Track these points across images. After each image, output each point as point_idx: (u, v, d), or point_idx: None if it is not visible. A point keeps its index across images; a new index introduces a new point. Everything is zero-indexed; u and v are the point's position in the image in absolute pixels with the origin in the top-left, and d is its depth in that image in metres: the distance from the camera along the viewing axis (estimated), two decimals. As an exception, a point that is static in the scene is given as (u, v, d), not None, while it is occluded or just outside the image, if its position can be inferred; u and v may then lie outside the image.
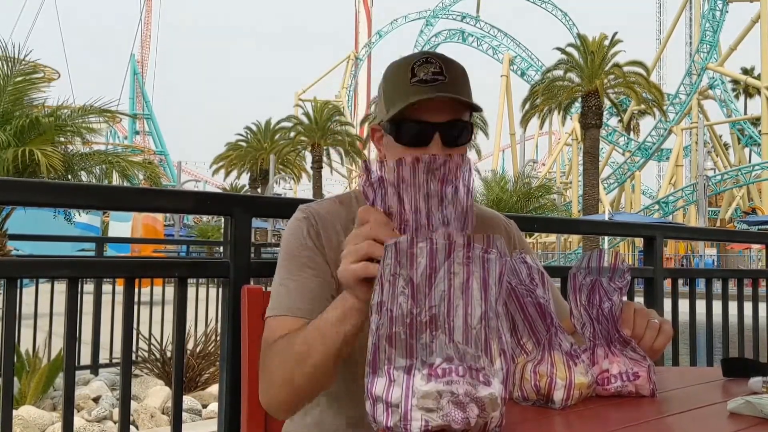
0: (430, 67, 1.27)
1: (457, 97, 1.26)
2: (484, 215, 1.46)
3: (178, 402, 1.72)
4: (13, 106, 9.01)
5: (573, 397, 1.07)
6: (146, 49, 65.40)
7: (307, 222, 1.32)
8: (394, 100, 1.28)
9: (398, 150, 1.29)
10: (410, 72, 1.27)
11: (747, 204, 44.48)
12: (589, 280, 1.15)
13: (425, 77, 1.26)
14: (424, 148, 1.26)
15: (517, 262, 1.10)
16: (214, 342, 5.42)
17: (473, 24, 55.65)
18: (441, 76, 1.26)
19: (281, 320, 1.25)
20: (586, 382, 1.09)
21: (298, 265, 1.28)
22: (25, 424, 4.20)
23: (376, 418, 0.87)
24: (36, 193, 1.62)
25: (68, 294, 1.56)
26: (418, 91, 1.25)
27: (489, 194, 25.33)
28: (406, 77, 1.27)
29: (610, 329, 1.15)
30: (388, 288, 0.90)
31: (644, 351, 1.16)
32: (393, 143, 1.31)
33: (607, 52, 33.77)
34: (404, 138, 1.29)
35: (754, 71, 51.07)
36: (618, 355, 1.15)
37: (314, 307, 1.23)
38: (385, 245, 0.93)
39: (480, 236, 0.97)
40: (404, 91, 1.26)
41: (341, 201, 1.38)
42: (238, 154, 43.16)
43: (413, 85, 1.26)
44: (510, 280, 1.08)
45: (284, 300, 1.26)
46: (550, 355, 1.08)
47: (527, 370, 1.08)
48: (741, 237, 9.23)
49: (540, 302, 1.08)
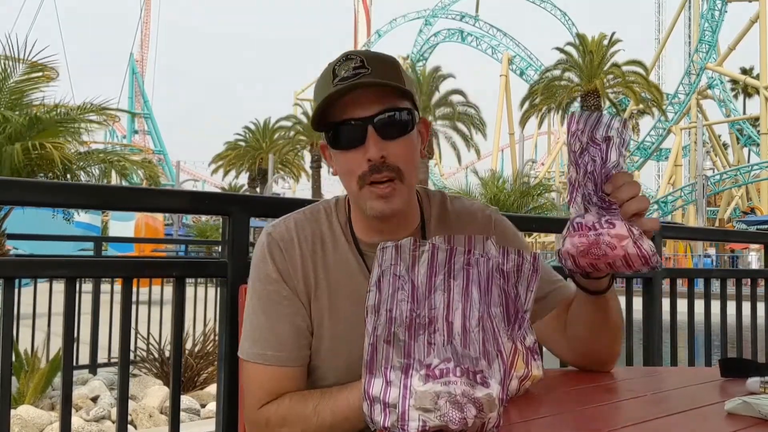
0: (350, 63, 1.18)
1: (377, 81, 1.16)
2: (463, 211, 1.37)
3: (176, 402, 1.72)
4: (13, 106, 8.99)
5: (524, 387, 1.12)
6: (145, 48, 65.40)
7: (271, 253, 1.26)
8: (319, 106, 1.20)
9: (340, 157, 1.22)
10: (332, 74, 1.19)
11: (746, 204, 44.51)
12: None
13: (346, 74, 1.17)
14: (362, 147, 1.18)
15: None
16: (212, 342, 5.42)
17: (472, 23, 55.67)
18: (363, 69, 1.17)
19: (253, 368, 1.24)
20: (540, 376, 1.15)
21: (267, 303, 1.25)
22: (24, 423, 4.20)
23: (374, 418, 0.87)
24: (33, 192, 1.62)
25: (66, 294, 1.56)
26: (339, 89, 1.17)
27: (487, 194, 25.33)
28: (328, 80, 1.19)
29: (596, 185, 1.09)
30: (387, 289, 0.90)
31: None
32: (334, 153, 1.24)
33: (606, 52, 33.83)
34: (339, 141, 1.21)
35: (753, 71, 51.10)
36: (599, 212, 1.10)
37: (285, 354, 1.22)
38: (379, 246, 0.93)
39: (469, 237, 0.98)
40: (326, 93, 1.18)
41: (311, 215, 1.31)
42: (236, 153, 43.15)
43: (335, 86, 1.17)
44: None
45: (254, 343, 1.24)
46: (513, 346, 1.07)
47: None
48: (740, 237, 9.23)
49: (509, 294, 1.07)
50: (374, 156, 1.17)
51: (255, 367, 1.23)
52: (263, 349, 1.23)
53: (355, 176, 1.20)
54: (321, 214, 1.32)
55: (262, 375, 1.22)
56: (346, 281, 1.26)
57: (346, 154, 1.21)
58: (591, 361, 1.36)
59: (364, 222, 1.28)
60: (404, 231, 1.27)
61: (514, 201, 24.97)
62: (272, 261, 1.26)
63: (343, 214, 1.31)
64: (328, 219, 1.31)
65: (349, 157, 1.21)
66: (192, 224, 36.27)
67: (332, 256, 1.28)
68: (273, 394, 1.21)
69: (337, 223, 1.31)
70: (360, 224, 1.29)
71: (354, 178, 1.21)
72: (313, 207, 1.34)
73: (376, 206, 1.20)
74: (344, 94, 1.17)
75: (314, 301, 1.26)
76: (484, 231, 1.32)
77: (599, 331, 1.29)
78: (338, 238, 1.29)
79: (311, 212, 1.32)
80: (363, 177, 1.19)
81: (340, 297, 1.26)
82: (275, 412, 1.19)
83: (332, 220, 1.31)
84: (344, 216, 1.31)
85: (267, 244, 1.27)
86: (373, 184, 1.19)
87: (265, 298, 1.25)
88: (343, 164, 1.23)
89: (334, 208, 1.32)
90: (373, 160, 1.18)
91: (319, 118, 1.22)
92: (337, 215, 1.31)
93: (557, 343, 1.37)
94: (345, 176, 1.23)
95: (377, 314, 0.89)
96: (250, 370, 1.24)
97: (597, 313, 1.26)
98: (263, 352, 1.23)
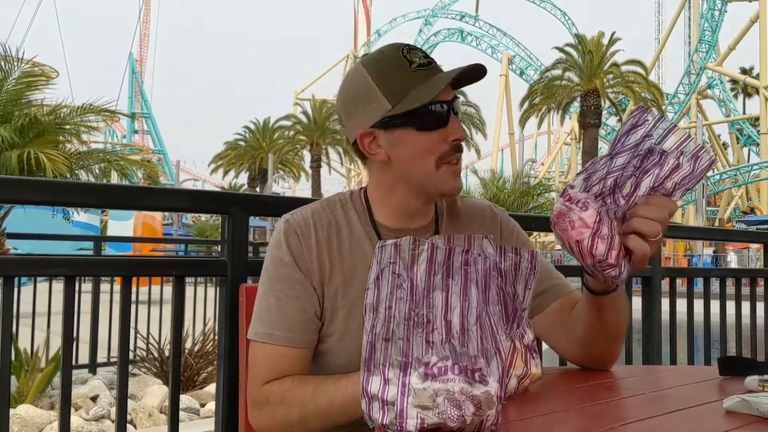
0: (418, 52, 1.27)
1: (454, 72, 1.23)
2: (472, 208, 1.43)
3: (175, 401, 1.72)
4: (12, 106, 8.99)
5: (523, 386, 1.11)
6: (145, 47, 65.40)
7: (288, 240, 1.30)
8: (407, 90, 1.24)
9: (418, 139, 1.26)
10: (406, 60, 1.25)
11: (746, 203, 44.52)
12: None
13: (421, 61, 1.25)
14: (443, 129, 1.26)
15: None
16: (212, 341, 5.42)
17: (472, 23, 55.69)
18: (429, 58, 1.27)
19: (260, 347, 1.26)
20: (538, 374, 1.13)
21: (280, 288, 1.28)
22: (23, 422, 4.20)
23: (372, 416, 0.87)
24: (33, 191, 1.62)
25: (65, 293, 1.56)
26: (428, 74, 1.24)
27: (486, 194, 25.33)
28: (404, 66, 1.25)
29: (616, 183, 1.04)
30: (386, 287, 0.90)
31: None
32: (408, 135, 1.26)
33: (606, 52, 33.82)
34: (429, 124, 1.25)
35: (752, 71, 51.12)
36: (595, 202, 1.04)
37: (292, 335, 1.24)
38: (378, 245, 0.94)
39: (468, 236, 0.98)
40: (413, 78, 1.24)
41: (327, 206, 1.36)
42: (236, 153, 43.15)
43: (417, 71, 1.24)
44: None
45: (264, 323, 1.26)
46: (512, 345, 1.08)
47: None
48: (739, 236, 9.23)
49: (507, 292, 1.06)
50: (462, 136, 1.27)
51: (262, 347, 1.26)
52: (271, 329, 1.25)
53: (435, 156, 1.26)
54: (336, 204, 1.36)
55: (269, 354, 1.25)
56: (361, 268, 1.28)
57: (429, 135, 1.26)
58: (591, 360, 1.36)
59: (392, 208, 1.34)
60: (425, 218, 1.36)
61: (514, 201, 24.95)
62: (287, 245, 1.29)
63: (360, 203, 1.36)
64: (344, 209, 1.35)
65: (431, 137, 1.26)
66: (192, 224, 36.27)
67: (347, 243, 1.31)
68: (277, 373, 1.24)
69: (353, 212, 1.35)
70: (386, 211, 1.34)
71: (433, 157, 1.26)
72: (328, 198, 1.40)
73: (453, 184, 1.29)
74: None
75: (327, 286, 1.29)
76: (492, 228, 1.40)
77: (601, 332, 1.28)
78: (354, 226, 1.33)
79: (327, 203, 1.37)
80: (443, 156, 1.26)
81: (354, 283, 1.28)
82: (276, 391, 1.22)
83: (348, 210, 1.35)
84: (360, 205, 1.36)
85: (284, 230, 1.31)
86: (449, 163, 1.27)
87: (276, 281, 1.28)
88: (422, 145, 1.26)
89: (350, 199, 1.37)
90: (460, 139, 1.27)
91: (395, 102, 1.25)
92: (353, 205, 1.36)
93: (557, 339, 1.38)
94: (420, 157, 1.27)
95: (376, 312, 0.89)
96: (257, 350, 1.27)
97: (600, 314, 1.25)
98: (271, 331, 1.25)
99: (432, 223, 1.37)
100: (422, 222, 1.35)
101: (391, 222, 1.34)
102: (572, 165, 44.62)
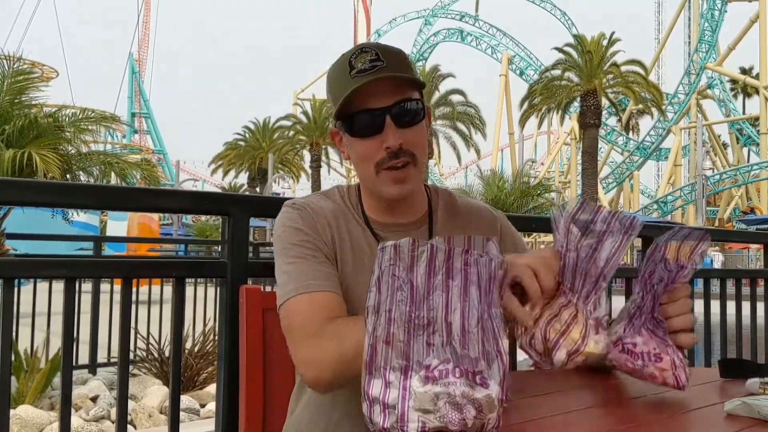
0: (366, 56, 1.27)
1: (396, 74, 1.25)
2: (470, 208, 1.46)
3: (175, 401, 1.72)
4: (11, 105, 8.98)
5: (574, 361, 1.03)
6: (144, 47, 65.37)
7: (299, 212, 1.33)
8: (338, 96, 1.28)
9: (357, 144, 1.30)
10: (348, 66, 1.27)
11: (746, 203, 44.53)
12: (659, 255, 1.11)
13: (363, 67, 1.26)
14: (379, 135, 1.27)
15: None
16: (212, 341, 5.42)
17: (472, 23, 55.66)
18: (379, 62, 1.26)
19: (297, 301, 1.21)
20: (596, 353, 1.04)
21: (300, 250, 1.27)
22: (23, 423, 4.19)
23: (373, 419, 0.87)
24: (33, 192, 1.62)
25: (65, 294, 1.56)
26: (358, 81, 1.25)
27: (487, 194, 25.33)
28: (345, 72, 1.27)
29: (654, 305, 1.11)
30: (386, 290, 0.90)
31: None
32: (350, 139, 1.32)
33: (606, 52, 33.82)
34: (357, 130, 1.29)
35: (752, 71, 51.14)
36: (649, 334, 1.11)
37: (328, 282, 1.23)
38: (379, 246, 0.93)
39: (468, 237, 0.98)
40: (345, 84, 1.26)
41: (326, 195, 1.40)
42: (236, 153, 43.16)
43: (353, 78, 1.25)
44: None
45: (293, 282, 1.23)
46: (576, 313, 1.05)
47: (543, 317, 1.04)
48: (739, 237, 9.22)
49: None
50: (393, 144, 1.27)
51: (300, 299, 1.21)
52: (305, 281, 1.23)
53: (373, 162, 1.29)
54: (335, 193, 1.41)
55: (308, 302, 1.20)
56: (359, 255, 1.32)
57: (364, 142, 1.29)
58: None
59: (375, 203, 1.38)
60: (413, 214, 1.39)
61: (514, 201, 24.96)
62: (300, 218, 1.31)
63: (354, 196, 1.40)
64: (342, 199, 1.40)
65: (367, 144, 1.29)
66: (192, 224, 36.28)
67: (346, 228, 1.35)
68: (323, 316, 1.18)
69: (349, 203, 1.39)
70: (372, 205, 1.38)
71: (371, 163, 1.29)
72: (327, 190, 1.43)
73: (391, 190, 1.30)
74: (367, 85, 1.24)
75: (338, 263, 1.30)
76: (490, 228, 1.43)
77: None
78: (352, 215, 1.37)
79: (326, 193, 1.42)
80: (380, 163, 1.28)
81: (354, 268, 1.31)
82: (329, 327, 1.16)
83: (346, 200, 1.39)
84: (355, 198, 1.40)
85: (291, 209, 1.34)
86: (389, 168, 1.28)
87: (290, 250, 1.28)
88: (360, 151, 1.31)
89: (346, 191, 1.42)
90: (392, 147, 1.27)
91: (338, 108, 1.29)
92: (348, 197, 1.40)
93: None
94: (361, 162, 1.32)
95: (377, 315, 0.89)
96: (295, 304, 1.21)
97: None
98: (305, 282, 1.22)
99: (425, 217, 1.40)
100: (410, 218, 1.38)
101: (377, 215, 1.37)
102: (572, 165, 44.62)
